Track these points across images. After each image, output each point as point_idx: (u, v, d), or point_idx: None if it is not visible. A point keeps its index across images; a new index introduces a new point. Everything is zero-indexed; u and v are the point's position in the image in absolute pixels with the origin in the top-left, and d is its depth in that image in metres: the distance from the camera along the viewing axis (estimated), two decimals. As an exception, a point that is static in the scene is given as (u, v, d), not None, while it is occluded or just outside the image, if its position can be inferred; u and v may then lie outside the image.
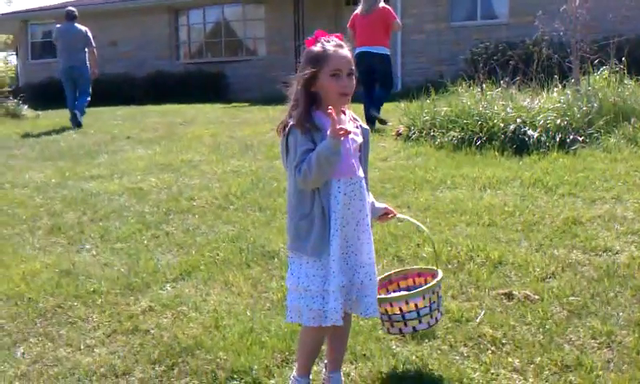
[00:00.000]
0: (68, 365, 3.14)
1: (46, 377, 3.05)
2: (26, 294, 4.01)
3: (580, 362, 2.86)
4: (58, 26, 11.96)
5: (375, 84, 9.50)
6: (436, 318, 2.86)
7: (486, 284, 3.72)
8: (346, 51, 2.50)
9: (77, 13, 12.00)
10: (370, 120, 9.06)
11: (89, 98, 11.88)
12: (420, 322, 2.80)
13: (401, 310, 2.78)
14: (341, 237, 2.52)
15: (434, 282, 2.84)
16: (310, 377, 2.75)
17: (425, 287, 2.82)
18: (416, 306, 2.76)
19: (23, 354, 3.29)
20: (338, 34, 2.57)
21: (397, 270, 3.13)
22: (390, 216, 2.87)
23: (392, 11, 9.48)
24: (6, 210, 6.04)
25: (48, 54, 22.09)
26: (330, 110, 2.33)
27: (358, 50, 9.16)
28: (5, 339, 3.45)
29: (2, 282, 4.23)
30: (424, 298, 2.77)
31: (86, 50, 11.77)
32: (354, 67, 2.51)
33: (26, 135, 10.78)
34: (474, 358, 2.98)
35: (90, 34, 11.81)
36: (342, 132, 2.30)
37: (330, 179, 2.50)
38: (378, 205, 2.83)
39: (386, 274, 3.14)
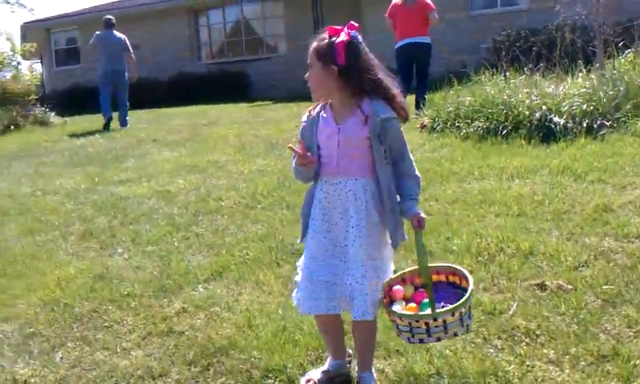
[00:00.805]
0: (106, 368, 3.19)
1: (85, 380, 3.10)
2: (61, 299, 4.08)
3: (616, 352, 2.84)
4: (98, 33, 12.45)
5: (411, 73, 9.55)
6: (467, 325, 2.54)
7: (517, 275, 3.70)
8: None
9: (114, 21, 12.56)
10: (419, 106, 9.19)
11: (127, 105, 12.65)
12: (446, 332, 2.48)
13: (427, 324, 2.47)
14: (323, 235, 2.64)
15: (466, 297, 2.48)
16: (331, 360, 2.87)
17: (456, 304, 2.46)
18: (444, 321, 2.45)
19: (62, 358, 3.35)
20: (350, 25, 2.57)
21: (411, 269, 2.78)
22: (415, 229, 2.61)
23: (431, 2, 9.44)
24: (38, 216, 6.14)
25: (72, 60, 22.36)
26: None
27: (402, 42, 9.34)
28: (44, 344, 3.52)
29: (38, 288, 4.31)
30: (453, 315, 2.44)
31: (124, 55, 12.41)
32: (313, 58, 2.57)
33: (55, 142, 10.92)
34: (508, 350, 2.97)
35: (128, 41, 12.47)
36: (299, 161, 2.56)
37: (317, 177, 2.66)
38: (409, 210, 2.63)
39: (400, 272, 2.80)
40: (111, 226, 5.58)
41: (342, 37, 2.51)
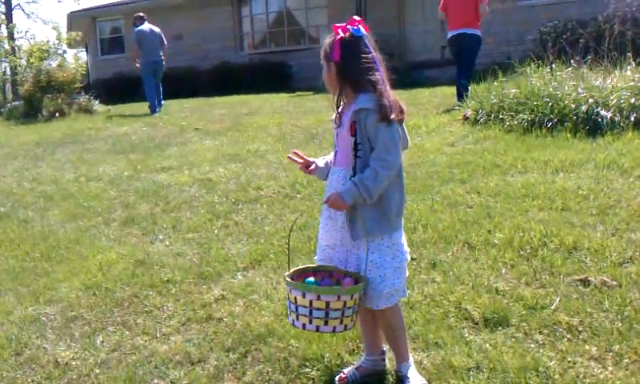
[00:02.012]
0: (145, 353, 3.23)
1: (125, 364, 3.14)
2: (103, 283, 4.14)
3: (662, 350, 2.77)
4: (138, 28, 13.25)
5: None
6: (345, 326, 2.55)
7: (560, 270, 3.63)
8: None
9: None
10: (460, 96, 9.17)
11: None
12: (326, 323, 2.50)
13: (310, 303, 2.49)
14: (325, 223, 2.73)
15: (358, 286, 2.54)
16: (365, 355, 2.85)
17: (346, 288, 2.52)
18: (327, 304, 2.47)
19: (102, 342, 3.40)
20: (351, 20, 2.59)
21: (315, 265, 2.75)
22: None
23: None
24: (81, 202, 6.25)
25: (116, 50, 22.66)
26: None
27: (449, 34, 9.44)
28: (85, 328, 3.58)
29: (80, 272, 4.39)
30: (339, 299, 2.47)
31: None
32: (322, 57, 2.64)
33: (98, 130, 11.10)
34: (549, 346, 2.92)
35: (163, 35, 13.50)
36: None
37: None
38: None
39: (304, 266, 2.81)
40: (153, 213, 5.65)
41: (340, 34, 2.58)
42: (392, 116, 2.52)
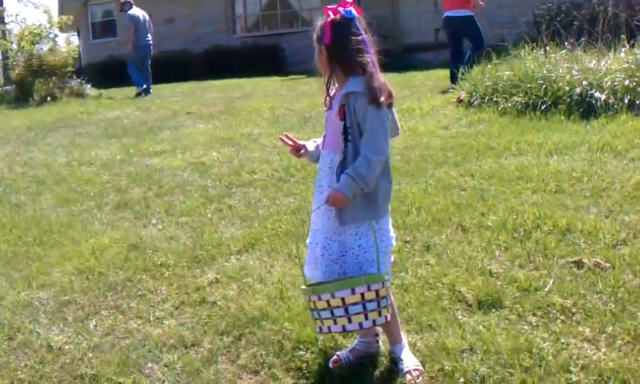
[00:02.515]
0: (139, 336, 3.22)
1: (118, 348, 3.14)
2: (96, 268, 4.12)
3: (655, 331, 2.78)
4: (131, 12, 13.63)
5: (460, 46, 9.82)
6: (373, 321, 2.49)
7: (554, 252, 3.63)
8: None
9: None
10: (453, 79, 9.32)
11: None
12: (350, 320, 2.47)
13: (328, 303, 2.46)
14: (317, 205, 2.69)
15: (371, 275, 2.52)
16: (360, 336, 2.84)
17: (354, 278, 2.51)
18: (343, 300, 2.44)
19: (95, 326, 3.39)
20: (343, 1, 2.57)
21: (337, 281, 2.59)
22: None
23: None
24: (74, 187, 6.22)
25: (108, 33, 22.48)
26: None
27: (443, 15, 9.76)
28: (78, 312, 3.57)
29: (73, 256, 4.37)
30: (353, 293, 2.44)
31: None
32: (314, 40, 2.62)
33: (90, 114, 11.03)
34: (543, 327, 2.92)
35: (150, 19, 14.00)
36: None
37: None
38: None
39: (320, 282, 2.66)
40: (146, 197, 5.63)
41: (331, 15, 2.56)
42: (381, 99, 2.50)
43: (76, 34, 24.68)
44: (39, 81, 14.08)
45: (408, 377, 2.64)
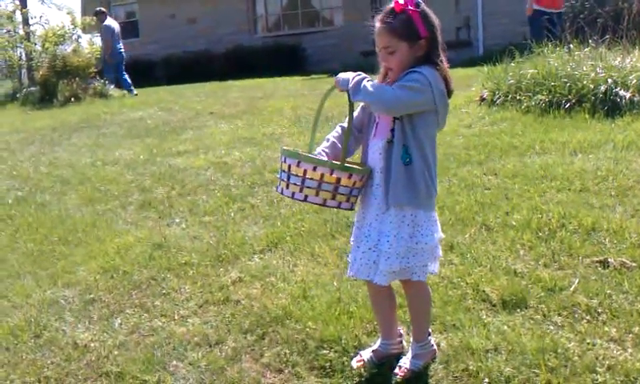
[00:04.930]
0: (163, 334, 3.25)
1: (143, 346, 3.16)
2: (120, 267, 4.16)
3: (683, 332, 2.74)
4: (108, 24, 14.76)
5: None
6: (339, 203, 2.57)
7: (579, 252, 3.60)
8: (377, 24, 2.52)
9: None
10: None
11: None
12: (317, 194, 2.53)
13: (305, 173, 2.51)
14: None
15: (358, 168, 2.58)
16: (380, 338, 2.85)
17: (340, 164, 2.51)
18: (322, 176, 2.49)
19: (120, 324, 3.42)
20: None
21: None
22: None
23: None
24: (98, 186, 6.28)
25: (130, 34, 22.63)
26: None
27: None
28: (103, 310, 3.60)
29: (98, 255, 4.41)
30: (331, 174, 2.49)
31: None
32: (377, 42, 2.53)
33: (114, 114, 11.13)
34: (568, 327, 2.90)
35: None
36: None
37: None
38: None
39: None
40: (169, 197, 5.67)
41: (411, 8, 2.46)
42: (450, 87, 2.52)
43: (99, 34, 24.87)
44: (63, 82, 14.21)
45: (397, 370, 2.71)
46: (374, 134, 2.63)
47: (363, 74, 2.52)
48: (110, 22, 14.88)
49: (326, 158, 2.60)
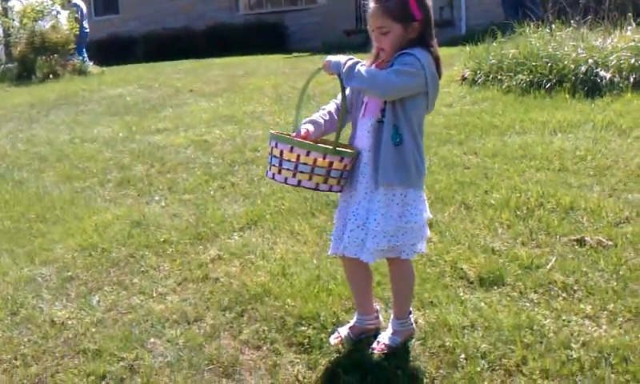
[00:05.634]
0: (142, 312, 3.23)
1: (121, 323, 3.15)
2: (99, 244, 4.13)
3: (657, 309, 2.78)
4: (75, 1, 14.89)
5: None
6: (330, 186, 2.57)
7: (556, 230, 3.63)
8: (371, 4, 2.49)
9: None
10: None
11: None
12: (310, 178, 2.52)
13: (298, 158, 2.49)
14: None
15: (349, 151, 2.58)
16: (358, 313, 2.87)
17: (332, 148, 2.52)
18: (315, 161, 2.49)
19: (99, 301, 3.41)
20: None
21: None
22: None
23: None
24: (76, 164, 6.22)
25: (110, 10, 22.36)
26: None
27: None
28: (81, 288, 3.58)
29: (76, 233, 4.38)
30: (324, 158, 2.49)
31: None
32: (370, 22, 2.51)
33: (93, 91, 11.01)
34: (544, 304, 2.93)
35: None
36: None
37: None
38: None
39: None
40: (148, 175, 5.63)
41: None
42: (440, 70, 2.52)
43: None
44: (41, 58, 14.00)
45: (374, 345, 2.73)
46: (363, 114, 2.62)
47: (355, 58, 2.51)
48: (77, 0, 15.00)
49: (323, 123, 2.66)
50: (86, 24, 15.12)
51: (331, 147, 2.52)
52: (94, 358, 2.88)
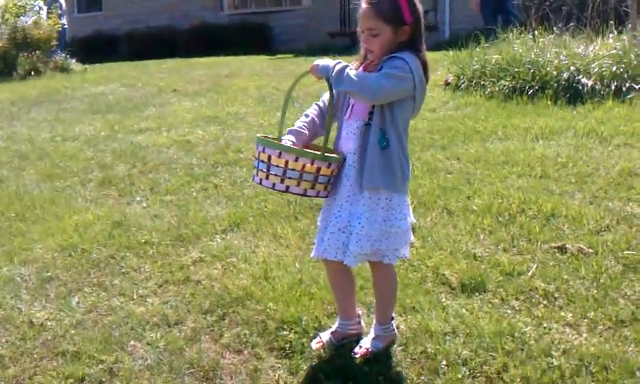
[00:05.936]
0: (122, 314, 3.21)
1: (101, 325, 3.12)
2: (79, 244, 4.09)
3: (635, 317, 2.82)
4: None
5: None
6: (317, 192, 2.58)
7: (538, 237, 3.65)
8: (362, 5, 2.48)
9: None
10: None
11: None
12: (298, 184, 2.51)
13: (286, 164, 2.48)
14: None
15: (337, 157, 2.58)
16: (340, 318, 2.86)
17: (321, 154, 2.51)
18: (303, 166, 2.48)
19: (78, 303, 3.37)
20: None
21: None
22: None
23: None
24: (57, 162, 6.16)
25: (94, 7, 22.19)
26: None
27: None
28: (60, 289, 3.54)
29: (56, 233, 4.33)
30: (312, 164, 2.48)
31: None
32: (361, 23, 2.51)
33: (75, 89, 10.91)
34: (525, 311, 2.95)
35: None
36: None
37: None
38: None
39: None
40: (130, 174, 5.58)
41: None
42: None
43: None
44: (23, 54, 13.87)
45: (356, 349, 2.73)
46: (349, 116, 2.61)
47: (344, 62, 2.51)
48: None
49: (306, 132, 2.64)
50: (64, 21, 15.43)
51: (319, 153, 2.51)
52: (73, 360, 2.85)
